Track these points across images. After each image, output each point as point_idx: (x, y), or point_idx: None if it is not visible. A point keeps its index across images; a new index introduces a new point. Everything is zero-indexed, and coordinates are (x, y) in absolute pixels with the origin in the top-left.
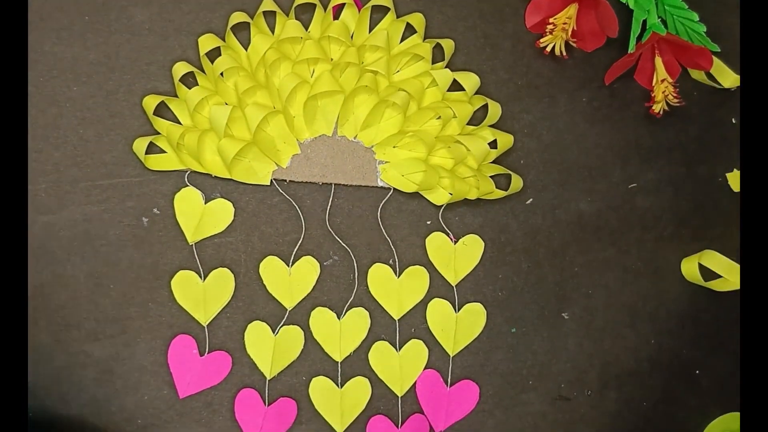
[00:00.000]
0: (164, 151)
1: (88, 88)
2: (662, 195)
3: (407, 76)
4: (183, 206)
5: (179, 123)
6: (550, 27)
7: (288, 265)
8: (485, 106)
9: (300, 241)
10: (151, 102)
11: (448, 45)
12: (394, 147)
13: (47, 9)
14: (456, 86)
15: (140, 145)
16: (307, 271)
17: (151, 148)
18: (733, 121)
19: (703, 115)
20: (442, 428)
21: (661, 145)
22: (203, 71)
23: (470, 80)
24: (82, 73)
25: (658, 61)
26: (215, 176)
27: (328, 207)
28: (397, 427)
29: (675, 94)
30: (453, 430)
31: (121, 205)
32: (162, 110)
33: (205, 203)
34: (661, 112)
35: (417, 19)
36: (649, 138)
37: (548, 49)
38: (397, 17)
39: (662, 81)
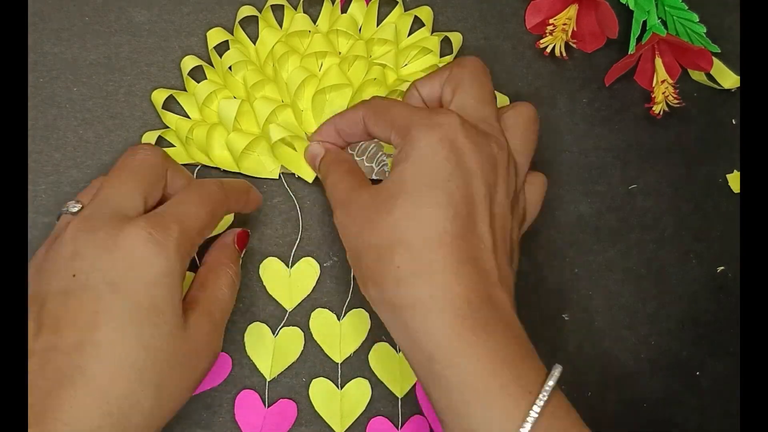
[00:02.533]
0: (173, 145)
1: (87, 89)
2: (662, 196)
3: (415, 69)
4: None
5: (188, 117)
6: (550, 28)
7: (288, 267)
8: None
9: (298, 240)
10: (159, 96)
11: (456, 38)
12: None
13: (47, 10)
14: None
15: (149, 139)
16: (307, 272)
17: (160, 142)
18: (734, 122)
19: (703, 116)
20: (442, 430)
21: (661, 146)
22: (212, 65)
23: None
24: (81, 74)
25: (658, 62)
26: (224, 170)
27: None
28: (398, 428)
29: (675, 95)
30: None
31: None
32: (168, 106)
33: None
34: (661, 113)
35: (425, 13)
36: (649, 139)
37: (548, 50)
38: (405, 11)
39: (662, 82)
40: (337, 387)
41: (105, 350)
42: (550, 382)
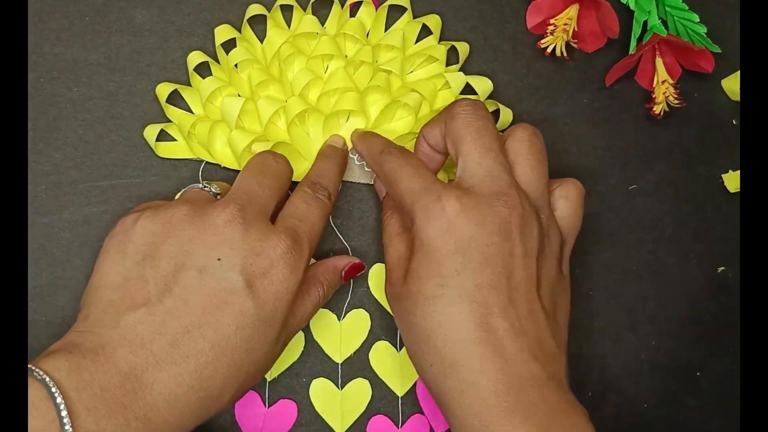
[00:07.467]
0: (175, 139)
1: (88, 89)
2: (662, 196)
3: (421, 77)
4: None
5: (191, 113)
6: (550, 28)
7: None
8: (496, 111)
9: None
10: (164, 90)
11: (463, 48)
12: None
13: (47, 10)
14: (468, 90)
15: (151, 132)
16: None
17: (162, 136)
18: (734, 122)
19: (703, 116)
20: (443, 429)
21: (661, 147)
22: (218, 62)
23: (483, 84)
24: (82, 75)
25: (659, 63)
26: (224, 167)
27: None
28: (398, 427)
29: (675, 95)
30: None
31: (121, 206)
32: (171, 102)
33: None
34: (661, 113)
35: (433, 21)
36: (650, 139)
37: (549, 50)
38: (414, 18)
39: (663, 82)
40: (338, 387)
41: (216, 341)
42: None
